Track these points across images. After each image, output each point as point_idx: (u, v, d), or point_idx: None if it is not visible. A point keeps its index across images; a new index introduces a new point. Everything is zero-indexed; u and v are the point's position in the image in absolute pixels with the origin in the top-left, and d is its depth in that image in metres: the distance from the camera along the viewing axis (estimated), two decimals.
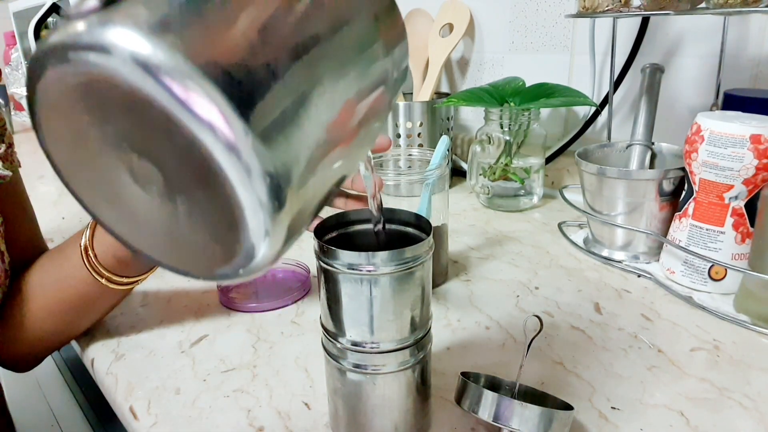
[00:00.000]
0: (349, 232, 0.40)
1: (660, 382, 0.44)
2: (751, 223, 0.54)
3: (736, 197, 0.54)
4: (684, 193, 0.60)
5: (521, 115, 0.81)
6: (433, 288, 0.46)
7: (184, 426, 0.42)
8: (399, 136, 0.93)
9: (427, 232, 0.37)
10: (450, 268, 0.65)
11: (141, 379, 0.47)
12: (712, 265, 0.56)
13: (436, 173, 0.56)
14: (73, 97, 0.19)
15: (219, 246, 0.22)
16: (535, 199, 0.85)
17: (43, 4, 1.52)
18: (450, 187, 0.92)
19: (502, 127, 0.82)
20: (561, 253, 0.69)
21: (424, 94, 0.98)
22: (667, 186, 0.61)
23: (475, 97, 0.84)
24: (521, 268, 0.65)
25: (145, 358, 0.51)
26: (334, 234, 0.39)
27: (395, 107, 0.92)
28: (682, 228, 0.58)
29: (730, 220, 0.55)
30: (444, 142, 0.57)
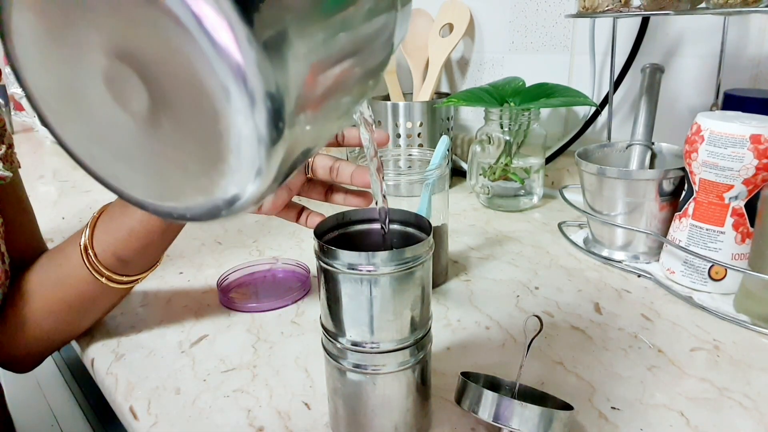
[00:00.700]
0: (349, 232, 0.40)
1: (660, 382, 0.44)
2: (751, 223, 0.54)
3: (736, 197, 0.54)
4: (684, 193, 0.60)
5: (521, 115, 0.81)
6: (433, 288, 0.46)
7: (184, 426, 0.42)
8: (399, 136, 0.93)
9: (427, 232, 0.37)
10: (450, 268, 0.65)
11: (141, 379, 0.47)
12: (712, 265, 0.56)
13: (436, 173, 0.56)
14: None
15: (201, 180, 0.19)
16: (535, 199, 0.85)
17: None
18: (450, 187, 0.91)
19: (502, 127, 0.82)
20: (561, 253, 0.69)
21: (424, 94, 0.98)
22: (667, 186, 0.61)
23: (475, 97, 0.84)
24: (521, 268, 0.65)
25: (145, 358, 0.51)
26: (334, 234, 0.39)
27: (395, 107, 0.92)
28: (682, 228, 0.59)
29: (730, 220, 0.55)
30: (444, 142, 0.57)
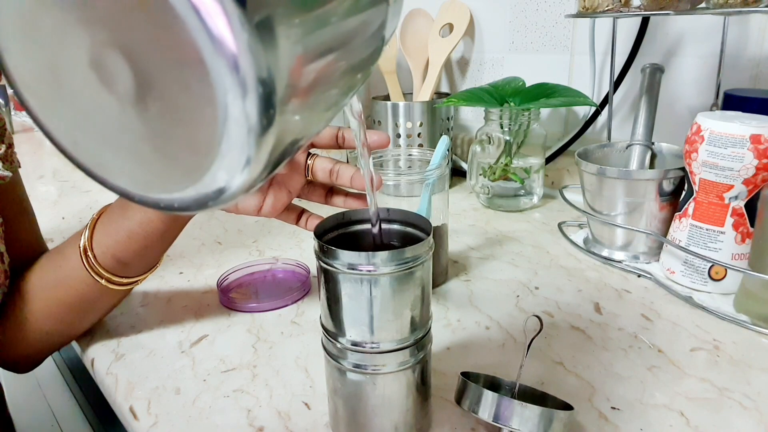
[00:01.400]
0: (349, 232, 0.40)
1: (660, 382, 0.44)
2: (751, 223, 0.54)
3: (736, 197, 0.54)
4: (684, 193, 0.60)
5: (521, 115, 0.81)
6: (433, 288, 0.46)
7: (184, 426, 0.42)
8: (399, 136, 0.93)
9: (427, 232, 0.37)
10: (450, 268, 0.65)
11: (141, 379, 0.47)
12: (712, 265, 0.56)
13: (436, 173, 0.56)
14: None
15: (189, 167, 0.18)
16: (535, 199, 0.85)
17: None
18: (450, 187, 0.92)
19: (502, 127, 0.82)
20: (561, 253, 0.69)
21: (424, 94, 0.98)
22: (667, 186, 0.61)
23: (475, 97, 0.84)
24: (521, 268, 0.65)
25: (145, 358, 0.51)
26: (334, 234, 0.39)
27: (395, 107, 0.92)
28: (682, 228, 0.58)
29: (730, 220, 0.55)
30: (444, 142, 0.57)
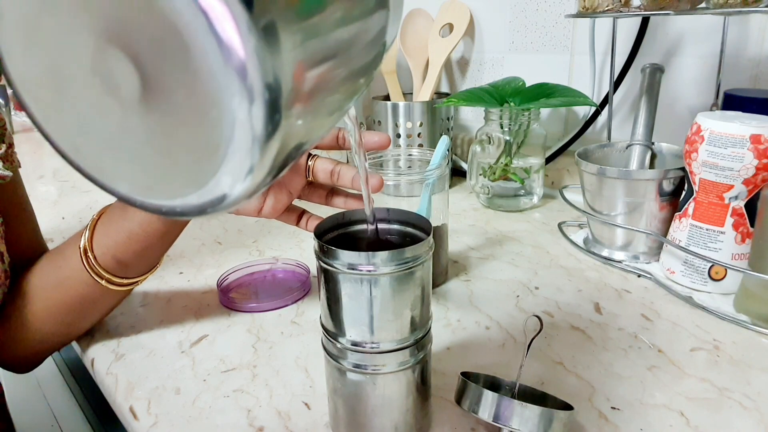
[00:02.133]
0: (349, 232, 0.40)
1: (660, 382, 0.44)
2: (751, 223, 0.54)
3: (736, 197, 0.54)
4: (684, 193, 0.60)
5: (521, 115, 0.81)
6: (433, 288, 0.46)
7: (184, 426, 0.42)
8: (399, 136, 0.93)
9: (427, 232, 0.37)
10: (450, 268, 0.65)
11: (141, 379, 0.47)
12: (712, 265, 0.56)
13: (436, 173, 0.56)
14: None
15: (192, 171, 0.19)
16: (535, 199, 0.85)
17: None
18: (450, 187, 0.92)
19: (502, 127, 0.82)
20: (561, 253, 0.69)
21: (424, 94, 0.98)
22: (667, 186, 0.61)
23: (475, 97, 0.84)
24: (521, 268, 0.65)
25: (145, 358, 0.51)
26: (334, 234, 0.39)
27: (395, 107, 0.92)
28: (682, 228, 0.58)
29: (730, 220, 0.55)
30: (444, 142, 0.57)
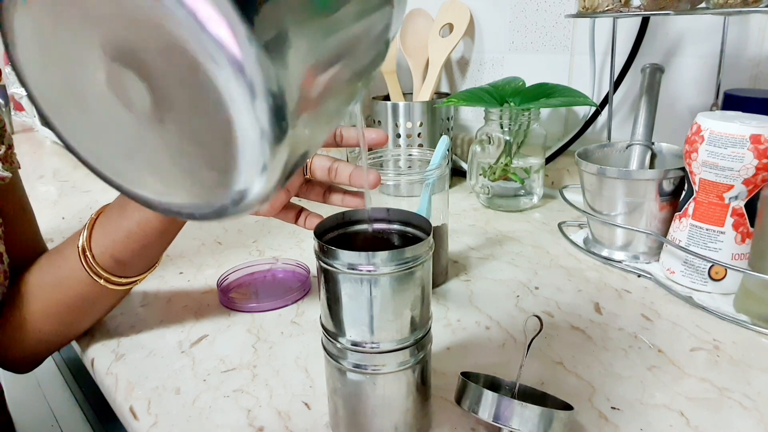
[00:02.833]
0: (349, 232, 0.40)
1: (660, 382, 0.44)
2: (751, 223, 0.54)
3: (736, 197, 0.54)
4: (684, 193, 0.60)
5: (521, 115, 0.81)
6: (433, 288, 0.46)
7: (184, 426, 0.42)
8: (399, 136, 0.93)
9: (427, 232, 0.37)
10: (450, 268, 0.65)
11: (141, 379, 0.47)
12: (712, 265, 0.56)
13: (436, 173, 0.56)
14: None
15: (208, 179, 0.19)
16: (535, 199, 0.85)
17: None
18: (450, 187, 0.92)
19: (502, 127, 0.82)
20: (561, 253, 0.69)
21: (424, 94, 0.98)
22: (667, 186, 0.61)
23: (475, 97, 0.84)
24: (521, 268, 0.65)
25: (145, 358, 0.51)
26: (334, 234, 0.39)
27: (395, 107, 0.92)
28: (682, 228, 0.58)
29: (730, 220, 0.55)
30: (444, 142, 0.57)
